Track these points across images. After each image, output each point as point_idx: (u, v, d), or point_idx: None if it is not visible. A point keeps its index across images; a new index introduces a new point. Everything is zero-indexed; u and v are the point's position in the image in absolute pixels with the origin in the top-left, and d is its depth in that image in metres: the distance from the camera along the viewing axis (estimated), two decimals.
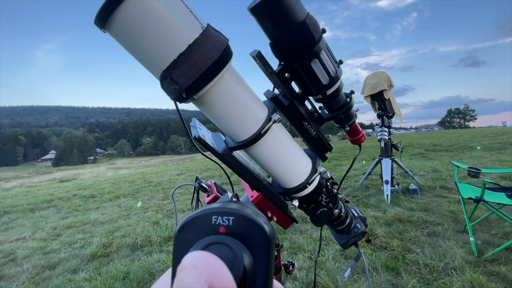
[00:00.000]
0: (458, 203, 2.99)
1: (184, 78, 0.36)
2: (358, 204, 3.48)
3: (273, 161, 0.51)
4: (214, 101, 0.42)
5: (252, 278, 0.16)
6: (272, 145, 0.49)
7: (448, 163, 5.25)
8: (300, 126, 0.55)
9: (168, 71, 0.36)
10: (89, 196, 6.09)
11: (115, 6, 0.32)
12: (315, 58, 0.47)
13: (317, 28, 0.45)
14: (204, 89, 0.39)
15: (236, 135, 0.47)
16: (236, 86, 0.43)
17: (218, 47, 0.37)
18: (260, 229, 0.17)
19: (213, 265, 0.13)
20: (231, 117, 0.44)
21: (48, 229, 3.86)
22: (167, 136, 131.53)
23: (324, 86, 0.50)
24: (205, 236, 0.17)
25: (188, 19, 0.36)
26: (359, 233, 0.72)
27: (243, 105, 0.44)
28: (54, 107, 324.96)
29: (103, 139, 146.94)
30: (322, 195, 0.59)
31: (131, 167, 28.03)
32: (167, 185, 6.46)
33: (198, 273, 0.13)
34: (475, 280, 1.74)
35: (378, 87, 3.70)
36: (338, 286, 1.86)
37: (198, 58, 0.36)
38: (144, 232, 3.19)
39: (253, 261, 0.17)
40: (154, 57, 0.36)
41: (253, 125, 0.45)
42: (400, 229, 2.59)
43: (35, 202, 5.89)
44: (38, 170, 46.61)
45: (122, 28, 0.34)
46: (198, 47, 0.35)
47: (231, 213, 0.18)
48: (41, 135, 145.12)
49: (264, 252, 0.17)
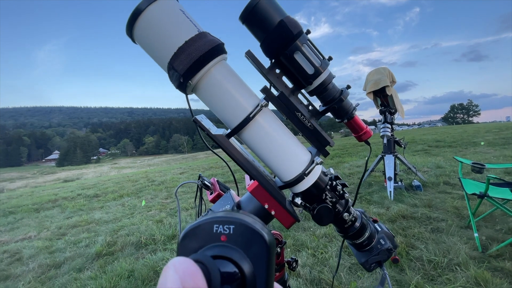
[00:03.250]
0: (462, 199, 2.97)
1: (181, 66, 0.46)
2: (361, 201, 3.47)
3: (265, 148, 0.53)
4: (207, 88, 0.50)
5: (252, 285, 0.17)
6: (262, 129, 0.52)
7: (452, 159, 5.21)
8: (294, 117, 0.56)
9: (171, 62, 0.47)
10: (93, 196, 6.14)
11: (136, 18, 0.46)
12: (297, 51, 0.52)
13: (295, 25, 0.51)
14: (197, 75, 0.48)
15: (229, 120, 0.53)
16: (226, 75, 0.51)
17: (209, 43, 0.47)
18: (259, 237, 0.18)
19: (188, 266, 0.16)
20: (222, 103, 0.51)
21: (53, 228, 3.89)
22: (169, 135, 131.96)
23: (310, 76, 0.54)
24: (207, 244, 0.18)
25: (186, 23, 0.48)
26: (382, 250, 0.63)
27: (233, 93, 0.51)
28: (57, 107, 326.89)
29: (106, 139, 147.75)
30: (326, 193, 0.57)
31: (134, 166, 28.17)
32: (170, 184, 6.48)
33: (175, 270, 0.15)
34: (480, 276, 1.74)
35: (380, 83, 3.68)
36: (341, 282, 1.87)
37: (191, 50, 0.46)
38: (148, 230, 3.21)
39: (253, 269, 0.17)
40: (162, 53, 0.48)
41: (243, 110, 0.51)
42: (403, 226, 2.59)
43: (40, 202, 5.94)
44: (42, 171, 46.99)
45: (142, 36, 0.49)
46: (193, 43, 0.46)
47: (232, 222, 0.18)
48: (44, 135, 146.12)
49: (263, 259, 0.18)
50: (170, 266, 0.16)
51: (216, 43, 0.48)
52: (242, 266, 0.17)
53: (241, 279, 0.17)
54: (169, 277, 0.15)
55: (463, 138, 9.21)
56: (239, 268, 0.17)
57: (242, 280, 0.17)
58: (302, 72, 0.54)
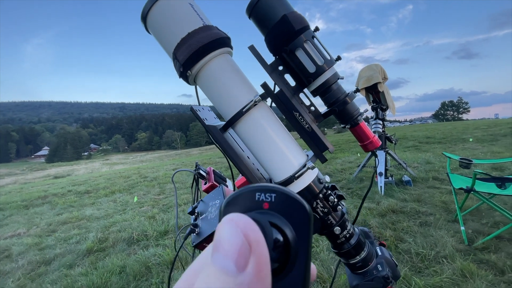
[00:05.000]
0: (450, 193, 3.05)
1: (182, 56, 0.48)
2: (353, 196, 3.52)
3: (257, 144, 0.52)
4: (206, 79, 0.52)
5: (295, 253, 0.17)
6: (255, 125, 0.52)
7: (441, 155, 5.32)
8: (292, 117, 0.54)
9: (174, 51, 0.49)
10: (84, 192, 6.06)
11: (149, 9, 0.50)
12: (299, 47, 0.51)
13: (299, 21, 0.50)
14: (196, 66, 0.49)
15: (224, 112, 0.53)
16: (225, 69, 0.51)
17: (210, 36, 0.48)
18: (301, 206, 0.18)
19: (247, 220, 0.15)
20: (219, 95, 0.52)
21: (43, 225, 3.84)
22: (162, 131, 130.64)
23: (311, 74, 0.52)
24: (250, 211, 0.18)
25: (192, 16, 0.50)
26: (377, 277, 0.56)
27: (229, 86, 0.51)
28: (46, 102, 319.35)
29: (97, 134, 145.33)
30: (317, 201, 0.53)
31: (126, 162, 27.85)
32: (163, 180, 6.44)
33: (235, 224, 0.15)
34: (465, 268, 1.79)
35: (372, 80, 3.71)
36: (332, 275, 1.90)
37: (192, 41, 0.48)
38: (140, 226, 3.20)
39: (296, 236, 0.17)
40: (169, 43, 0.51)
41: (237, 104, 0.51)
42: (393, 220, 2.64)
43: (29, 198, 5.83)
44: (32, 167, 46.02)
45: (153, 26, 0.52)
46: (195, 35, 0.48)
47: (274, 190, 0.18)
48: (33, 131, 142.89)
49: (305, 228, 0.18)
50: (228, 220, 0.15)
51: (217, 36, 0.49)
52: (286, 232, 0.17)
53: (284, 246, 0.17)
54: (230, 229, 0.15)
55: (452, 135, 9.40)
56: (283, 234, 0.17)
57: (286, 247, 0.17)
58: (303, 70, 0.52)
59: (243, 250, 0.14)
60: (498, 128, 9.77)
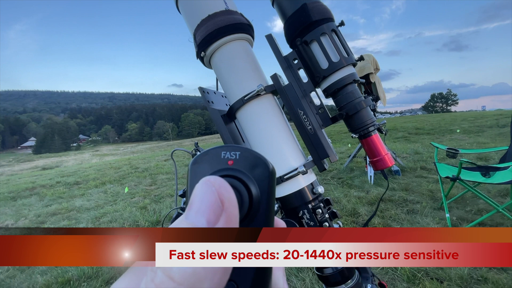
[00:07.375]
0: (437, 182, 3.13)
1: (199, 36, 0.50)
2: (343, 185, 3.58)
3: (254, 136, 0.51)
4: (218, 63, 0.52)
5: (257, 206, 0.18)
6: (253, 116, 0.50)
7: (430, 146, 5.44)
8: (295, 114, 0.50)
9: (194, 32, 0.51)
10: (74, 183, 5.96)
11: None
12: (314, 40, 0.48)
13: (319, 11, 0.48)
14: (210, 48, 0.50)
15: (230, 98, 0.53)
16: (237, 55, 0.51)
17: (227, 20, 0.48)
18: (263, 164, 0.19)
19: (222, 181, 0.16)
20: (227, 80, 0.52)
21: (32, 216, 3.77)
22: (153, 122, 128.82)
23: (323, 71, 0.49)
24: (216, 168, 0.19)
25: (216, 0, 0.51)
26: None
27: (237, 72, 0.51)
28: (31, 91, 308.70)
29: (86, 125, 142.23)
30: (304, 211, 0.48)
31: (117, 153, 27.44)
32: (154, 171, 6.39)
33: (211, 183, 0.16)
34: None
35: (364, 70, 3.72)
36: None
37: (210, 23, 0.49)
38: (131, 217, 3.18)
39: (258, 191, 0.18)
40: (192, 24, 0.52)
41: (241, 92, 0.50)
42: (381, 208, 2.70)
43: (16, 190, 5.71)
44: (19, 158, 44.90)
45: (182, 6, 0.55)
46: (214, 17, 0.49)
47: (238, 149, 0.19)
48: (19, 121, 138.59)
49: (266, 184, 0.19)
50: (204, 181, 0.16)
51: (236, 21, 0.49)
52: (250, 186, 0.18)
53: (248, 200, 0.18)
54: (206, 189, 0.16)
55: (441, 126, 9.61)
56: (247, 188, 0.18)
57: (249, 200, 0.18)
58: (315, 65, 0.49)
59: (215, 208, 0.15)
60: (484, 120, 10.02)
